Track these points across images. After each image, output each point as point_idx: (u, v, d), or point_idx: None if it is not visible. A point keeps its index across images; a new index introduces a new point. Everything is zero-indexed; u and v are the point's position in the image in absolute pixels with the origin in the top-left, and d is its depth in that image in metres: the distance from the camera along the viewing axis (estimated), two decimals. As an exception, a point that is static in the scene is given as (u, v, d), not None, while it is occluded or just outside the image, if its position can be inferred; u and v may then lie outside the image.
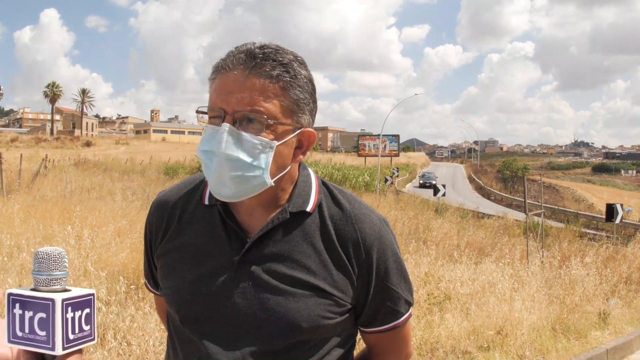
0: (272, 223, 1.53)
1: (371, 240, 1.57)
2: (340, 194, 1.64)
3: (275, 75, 1.43)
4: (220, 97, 1.44)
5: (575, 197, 57.88)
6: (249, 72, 1.42)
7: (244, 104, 1.41)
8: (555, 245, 15.05)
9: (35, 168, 23.68)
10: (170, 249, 1.62)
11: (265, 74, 1.42)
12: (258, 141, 1.42)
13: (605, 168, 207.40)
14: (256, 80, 1.42)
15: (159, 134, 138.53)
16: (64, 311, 1.02)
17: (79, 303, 1.06)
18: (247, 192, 1.46)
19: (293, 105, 1.47)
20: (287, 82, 1.45)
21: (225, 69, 1.45)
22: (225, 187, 1.45)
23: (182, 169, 39.39)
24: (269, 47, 1.46)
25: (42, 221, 9.77)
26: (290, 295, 1.48)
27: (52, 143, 79.80)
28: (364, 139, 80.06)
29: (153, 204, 1.74)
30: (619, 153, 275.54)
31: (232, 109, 1.41)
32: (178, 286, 1.53)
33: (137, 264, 7.31)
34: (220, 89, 1.45)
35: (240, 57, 1.44)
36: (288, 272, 1.50)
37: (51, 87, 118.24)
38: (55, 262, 1.08)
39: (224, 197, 1.48)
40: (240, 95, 1.41)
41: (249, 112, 1.41)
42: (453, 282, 8.63)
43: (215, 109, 1.45)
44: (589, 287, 9.37)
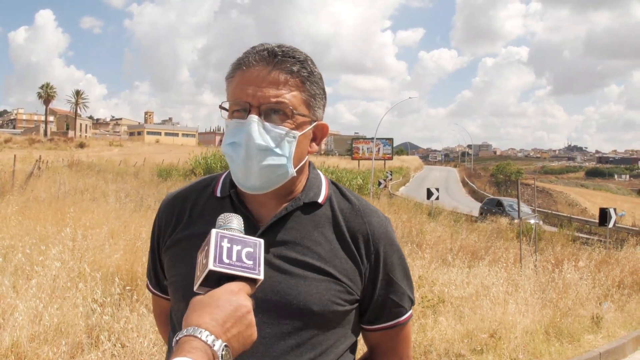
0: (285, 210, 1.58)
1: (379, 234, 1.64)
2: (348, 192, 1.72)
3: (296, 70, 1.53)
4: (245, 91, 1.51)
5: (569, 201, 57.99)
6: (272, 67, 1.51)
7: (269, 97, 1.49)
8: (548, 249, 15.08)
9: (28, 169, 23.59)
10: (179, 239, 1.66)
11: (286, 69, 1.51)
12: (283, 130, 1.50)
13: (599, 172, 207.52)
14: (279, 74, 1.51)
15: (153, 135, 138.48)
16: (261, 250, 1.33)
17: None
18: (273, 182, 1.53)
19: (310, 99, 1.57)
20: (305, 77, 1.55)
21: (247, 65, 1.53)
22: (252, 178, 1.51)
23: (176, 171, 39.29)
24: (285, 46, 1.56)
25: (37, 222, 9.74)
26: (301, 279, 1.52)
27: (46, 144, 79.69)
28: (357, 142, 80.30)
29: (163, 202, 1.79)
30: (613, 158, 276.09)
31: (257, 101, 1.49)
32: (186, 272, 1.54)
33: (132, 265, 7.31)
34: (244, 83, 1.52)
35: (262, 54, 1.53)
36: (299, 257, 1.54)
37: (45, 88, 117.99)
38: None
39: (252, 189, 1.54)
40: (265, 89, 1.49)
41: (274, 104, 1.49)
42: (447, 285, 8.63)
43: (239, 102, 1.52)
44: (582, 291, 9.40)
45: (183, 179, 33.68)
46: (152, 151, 76.69)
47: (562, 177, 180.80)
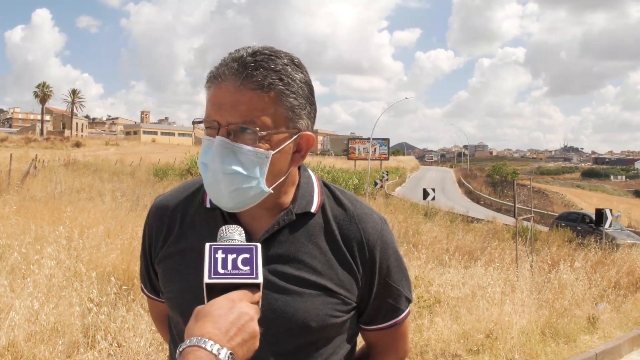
0: (278, 224, 1.53)
1: (374, 239, 1.59)
2: (342, 195, 1.66)
3: (267, 84, 1.40)
4: (214, 108, 1.42)
5: (565, 202, 58.18)
6: (241, 83, 1.39)
7: (237, 116, 1.39)
8: (544, 249, 15.10)
9: (25, 168, 23.56)
10: (172, 253, 1.61)
11: (257, 84, 1.39)
12: (252, 153, 1.41)
13: (595, 173, 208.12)
14: (247, 91, 1.39)
15: (149, 135, 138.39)
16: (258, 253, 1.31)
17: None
18: (246, 202, 1.47)
19: (287, 112, 1.45)
20: (280, 90, 1.42)
21: (218, 79, 1.43)
22: (224, 199, 1.46)
23: (172, 171, 39.26)
24: (262, 53, 1.44)
25: (33, 221, 9.73)
26: (298, 296, 1.49)
27: (42, 143, 79.52)
28: (353, 142, 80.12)
29: (152, 209, 1.72)
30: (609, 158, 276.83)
31: (225, 121, 1.40)
32: (182, 289, 1.53)
33: (128, 265, 7.30)
34: (214, 100, 1.43)
35: (232, 66, 1.41)
36: (295, 273, 1.50)
37: (41, 88, 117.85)
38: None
39: (226, 209, 1.49)
40: (232, 108, 1.39)
41: (241, 124, 1.39)
42: (443, 285, 8.64)
43: (209, 120, 1.43)
44: (578, 291, 9.42)
45: (179, 178, 33.65)
46: (148, 151, 76.64)
47: (558, 177, 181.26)
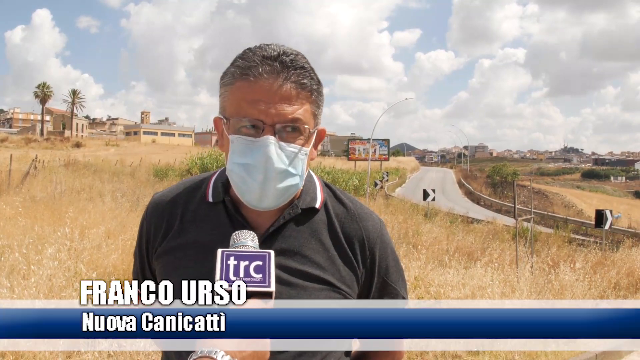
0: (283, 218, 1.55)
1: (374, 238, 1.63)
2: (342, 194, 1.69)
3: (305, 83, 1.46)
4: (256, 107, 1.43)
5: (565, 203, 58.02)
6: (284, 80, 1.43)
7: (285, 114, 1.42)
8: (544, 250, 15.09)
9: (25, 168, 23.56)
10: (172, 248, 1.61)
11: (298, 82, 1.45)
12: (297, 149, 1.46)
13: (595, 174, 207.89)
14: (292, 89, 1.43)
15: (149, 135, 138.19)
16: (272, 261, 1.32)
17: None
18: (285, 199, 1.51)
19: (316, 110, 1.52)
20: (314, 89, 1.49)
21: (255, 76, 1.44)
22: (268, 200, 1.48)
23: (172, 171, 39.20)
24: (291, 52, 1.48)
25: (34, 222, 9.73)
26: (302, 289, 1.50)
27: (42, 144, 79.42)
28: (354, 143, 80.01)
29: (150, 205, 1.72)
30: (609, 159, 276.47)
31: (271, 120, 1.42)
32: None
33: (128, 265, 7.30)
34: (254, 98, 1.43)
35: (270, 64, 1.44)
36: (299, 267, 1.52)
37: (42, 88, 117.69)
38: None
39: (265, 208, 1.51)
40: (279, 105, 1.42)
41: (290, 122, 1.43)
42: (443, 286, 8.65)
43: (251, 120, 1.44)
44: (578, 292, 9.41)
45: (179, 178, 33.57)
46: (149, 151, 76.56)
47: (558, 178, 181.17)
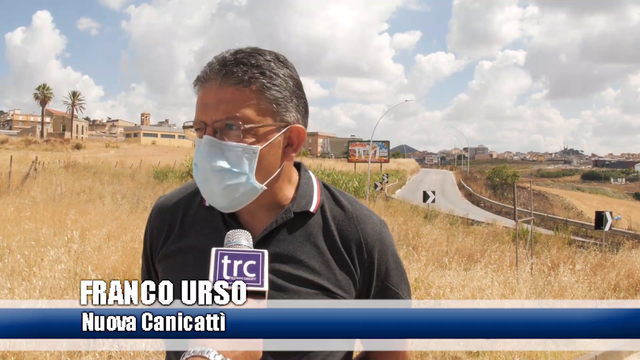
0: (276, 222, 1.54)
1: (373, 241, 1.60)
2: (342, 196, 1.66)
3: (247, 79, 1.44)
4: (200, 109, 1.47)
5: (565, 205, 58.04)
6: (221, 80, 1.44)
7: (219, 113, 1.43)
8: (544, 252, 15.10)
9: (25, 170, 23.58)
10: (172, 252, 1.63)
11: (237, 79, 1.43)
12: (239, 147, 1.44)
13: (595, 176, 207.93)
14: (228, 87, 1.44)
15: (149, 137, 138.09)
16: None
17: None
18: (240, 201, 1.49)
19: (272, 105, 1.47)
20: (261, 83, 1.45)
21: (202, 81, 1.48)
22: (217, 198, 1.48)
23: (172, 173, 39.22)
24: (244, 51, 1.48)
25: (34, 223, 9.74)
26: (295, 294, 1.49)
27: (42, 145, 79.53)
28: (354, 145, 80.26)
29: (154, 209, 1.74)
30: (609, 161, 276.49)
31: (210, 119, 1.44)
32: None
33: (129, 267, 7.31)
34: (200, 102, 1.47)
35: (214, 66, 1.46)
36: (293, 272, 1.51)
37: (42, 89, 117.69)
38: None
39: (221, 208, 1.51)
40: (215, 105, 1.43)
41: (225, 120, 1.43)
42: (443, 288, 8.65)
43: (196, 122, 1.48)
44: (578, 294, 9.41)
45: (179, 180, 33.62)
46: (149, 153, 76.68)
47: (558, 180, 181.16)
